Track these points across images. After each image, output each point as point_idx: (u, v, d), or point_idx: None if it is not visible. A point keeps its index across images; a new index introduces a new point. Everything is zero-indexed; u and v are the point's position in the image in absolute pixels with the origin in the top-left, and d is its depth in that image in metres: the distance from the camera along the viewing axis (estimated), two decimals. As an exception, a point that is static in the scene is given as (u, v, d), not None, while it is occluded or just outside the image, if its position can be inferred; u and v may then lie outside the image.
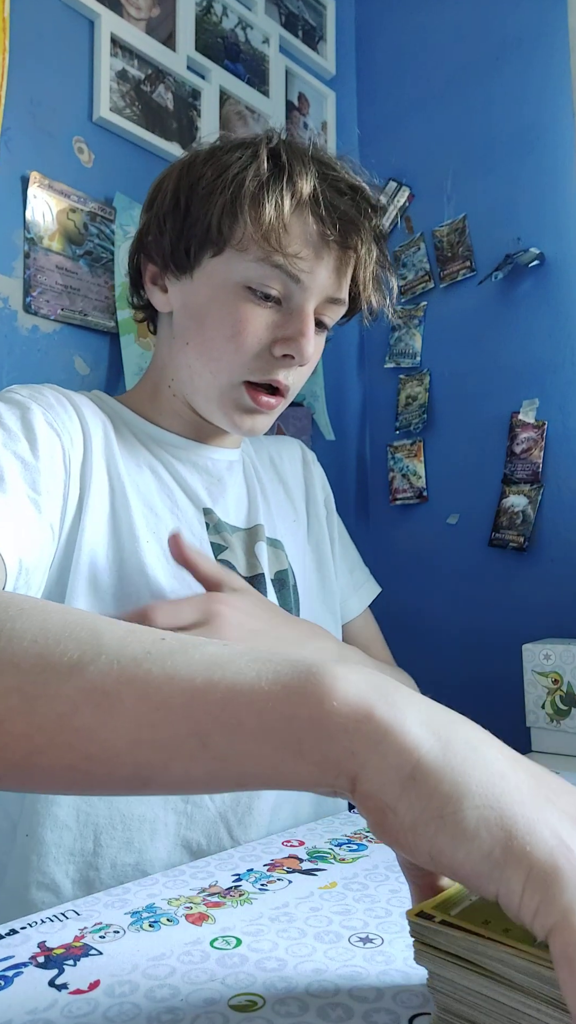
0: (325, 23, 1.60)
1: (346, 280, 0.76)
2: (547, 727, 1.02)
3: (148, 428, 0.80)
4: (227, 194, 0.70)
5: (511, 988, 0.32)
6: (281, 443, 0.99)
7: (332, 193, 0.71)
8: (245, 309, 0.72)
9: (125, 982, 0.43)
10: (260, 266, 0.71)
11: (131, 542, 0.71)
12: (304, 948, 0.47)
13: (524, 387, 1.34)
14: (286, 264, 0.70)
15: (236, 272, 0.72)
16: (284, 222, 0.69)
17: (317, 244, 0.71)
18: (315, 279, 0.72)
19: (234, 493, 0.83)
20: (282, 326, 0.73)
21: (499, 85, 1.40)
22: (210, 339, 0.74)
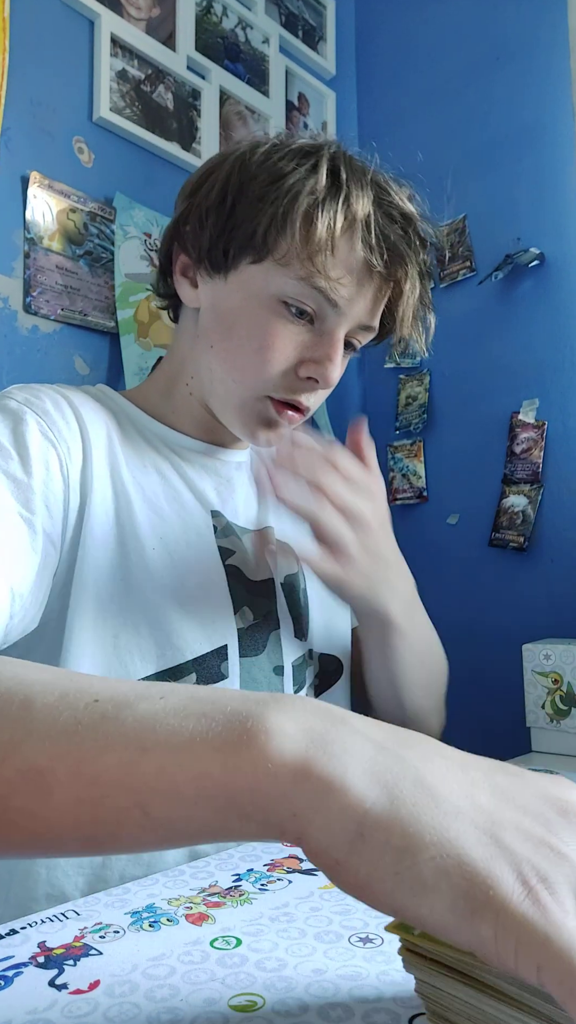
0: (325, 23, 1.60)
1: (381, 308, 0.74)
2: (547, 727, 1.02)
3: (156, 427, 0.78)
4: (280, 205, 0.67)
5: (497, 998, 0.32)
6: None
7: (384, 220, 0.69)
8: (277, 324, 0.70)
9: (125, 982, 0.43)
10: (300, 284, 0.68)
11: (136, 549, 0.69)
12: (304, 948, 0.47)
13: (524, 387, 1.34)
14: (327, 288, 0.68)
15: (273, 285, 0.69)
16: (333, 244, 0.67)
17: (361, 272, 0.69)
18: (352, 306, 0.70)
19: (243, 494, 0.81)
20: (311, 347, 0.71)
21: (499, 85, 1.40)
22: (237, 348, 0.72)
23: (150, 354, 1.20)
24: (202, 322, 0.75)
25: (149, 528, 0.70)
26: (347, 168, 0.69)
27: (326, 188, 0.67)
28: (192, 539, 0.72)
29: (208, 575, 0.72)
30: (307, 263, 0.67)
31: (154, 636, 0.68)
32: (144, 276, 1.22)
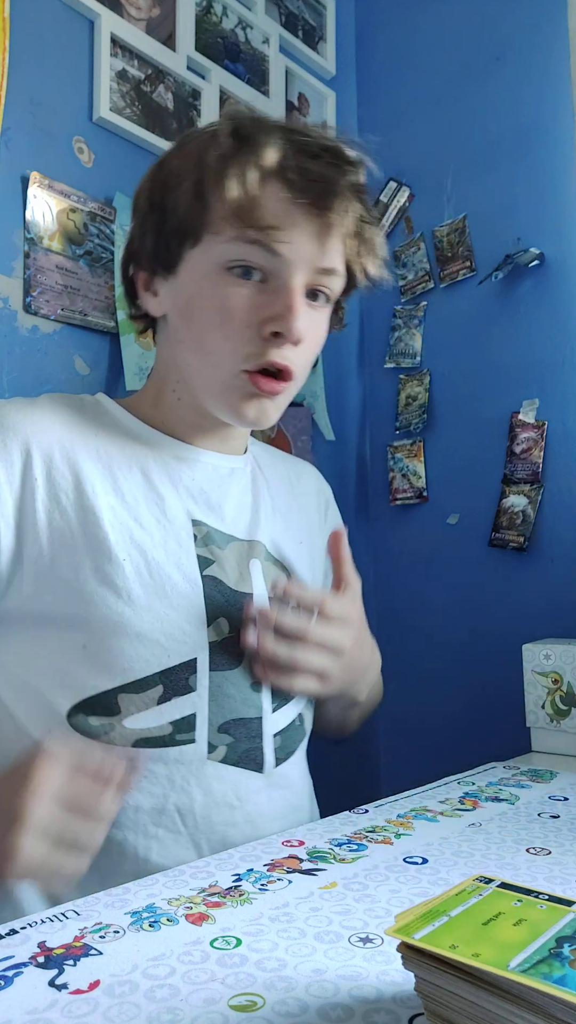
0: (325, 23, 1.60)
1: (335, 247, 0.71)
2: (547, 727, 1.02)
3: (148, 433, 0.78)
4: (193, 178, 0.69)
5: (497, 995, 0.32)
6: (300, 465, 0.98)
7: (302, 158, 0.68)
8: (228, 292, 0.69)
9: (125, 982, 0.43)
10: (236, 245, 0.68)
11: (105, 560, 0.68)
12: (304, 948, 0.47)
13: (524, 387, 1.34)
14: (262, 238, 0.67)
15: (215, 256, 0.69)
16: (252, 195, 0.66)
17: (291, 212, 0.67)
18: (297, 250, 0.68)
19: (235, 501, 0.80)
20: (269, 304, 0.69)
21: (499, 85, 1.40)
22: (201, 331, 0.72)
23: (150, 354, 1.20)
24: (171, 324, 0.76)
25: (124, 537, 0.70)
26: (251, 125, 0.70)
27: (231, 147, 0.68)
28: (171, 547, 0.72)
29: (184, 585, 0.71)
30: (235, 221, 0.67)
31: (122, 647, 0.68)
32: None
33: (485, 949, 0.33)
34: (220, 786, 0.70)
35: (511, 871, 0.59)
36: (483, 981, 0.32)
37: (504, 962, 0.32)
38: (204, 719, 0.70)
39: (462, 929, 0.35)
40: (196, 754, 0.69)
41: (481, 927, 0.35)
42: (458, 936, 0.34)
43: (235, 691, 0.72)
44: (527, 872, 0.59)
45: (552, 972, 0.31)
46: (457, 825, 0.70)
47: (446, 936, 0.34)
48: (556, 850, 0.63)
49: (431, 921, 0.36)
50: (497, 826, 0.70)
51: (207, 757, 0.70)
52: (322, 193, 0.68)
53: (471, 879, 0.41)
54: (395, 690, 1.07)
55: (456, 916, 0.36)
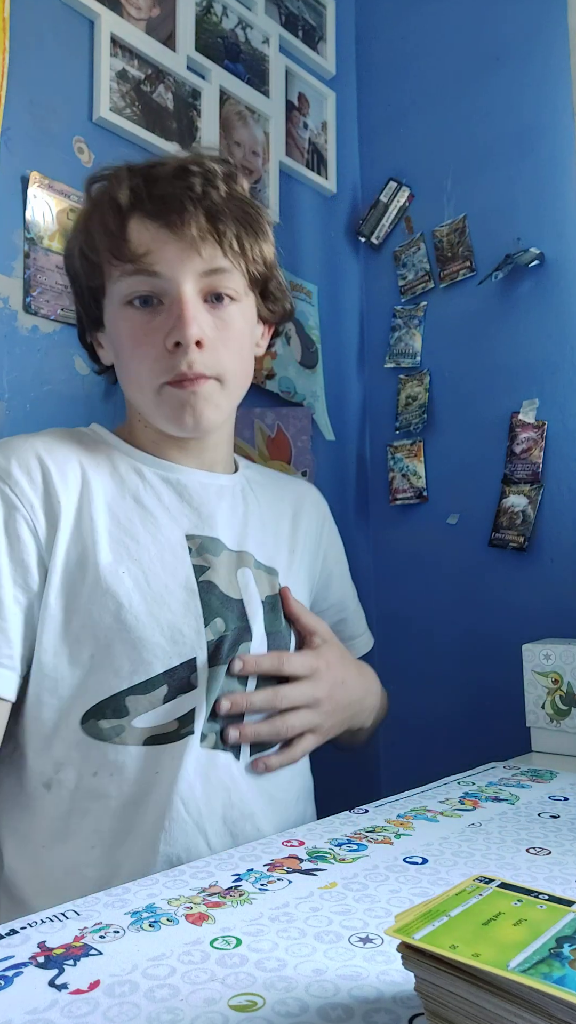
0: (325, 23, 1.60)
1: (210, 249, 0.78)
2: (547, 727, 1.02)
3: (138, 455, 0.85)
4: (78, 246, 0.81)
5: (496, 994, 0.32)
6: (297, 485, 1.03)
7: (155, 186, 0.77)
8: (133, 321, 0.78)
9: (125, 982, 0.43)
10: (124, 281, 0.77)
11: (104, 576, 0.74)
12: (304, 948, 0.47)
13: (524, 387, 1.34)
14: (139, 266, 0.76)
15: (116, 297, 0.79)
16: (120, 236, 0.76)
17: (155, 236, 0.76)
18: (173, 266, 0.76)
19: (224, 516, 0.85)
20: (166, 321, 0.77)
21: (499, 85, 1.40)
22: (126, 363, 0.81)
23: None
24: (116, 367, 0.85)
25: (122, 553, 0.76)
26: (104, 177, 0.81)
27: (94, 206, 0.80)
28: (167, 559, 0.78)
29: (181, 592, 0.77)
30: (116, 262, 0.77)
31: (127, 654, 0.73)
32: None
33: (485, 949, 0.33)
34: (215, 771, 0.75)
35: (511, 871, 0.59)
36: (483, 981, 0.32)
37: (504, 962, 0.32)
38: (202, 711, 0.75)
39: (462, 929, 0.35)
40: (193, 744, 0.74)
41: (481, 927, 0.35)
42: (458, 936, 0.34)
43: (225, 683, 0.77)
44: (527, 872, 0.59)
45: (552, 972, 0.31)
46: (457, 825, 0.70)
47: (446, 936, 0.34)
48: (556, 850, 0.63)
49: (431, 921, 0.36)
50: (497, 826, 0.70)
51: (200, 746, 0.74)
52: (172, 209, 0.76)
53: (471, 879, 0.41)
54: (395, 690, 1.07)
55: (456, 916, 0.36)
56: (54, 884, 0.72)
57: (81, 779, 0.73)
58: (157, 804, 0.72)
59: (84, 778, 0.72)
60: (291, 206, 1.49)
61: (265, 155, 1.44)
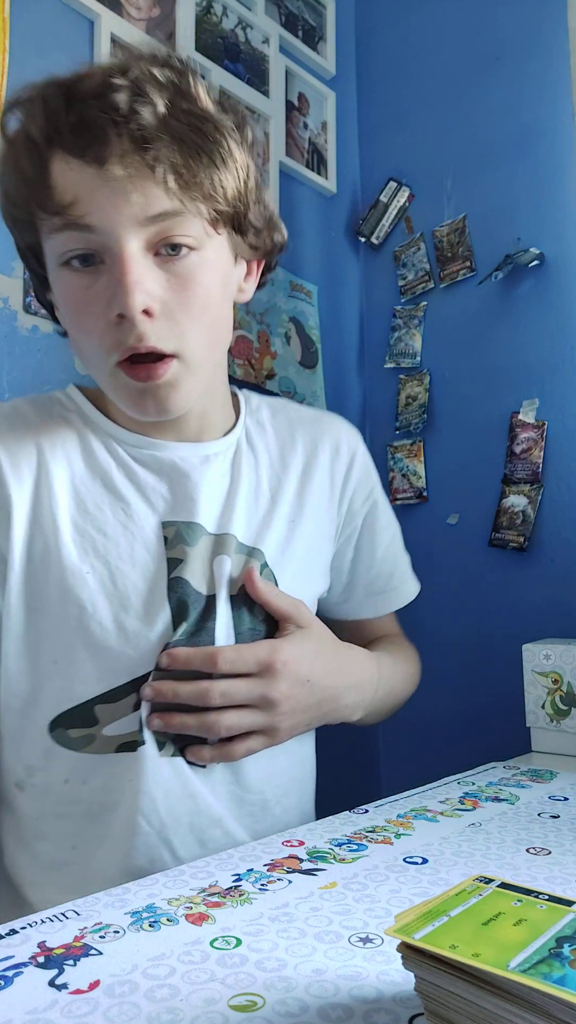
0: (325, 23, 1.60)
1: (153, 187, 0.61)
2: (547, 727, 1.02)
3: (113, 429, 0.74)
4: (4, 198, 0.65)
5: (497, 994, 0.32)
6: (317, 426, 0.87)
7: (76, 113, 0.60)
8: (71, 287, 0.64)
9: (125, 982, 0.43)
10: (57, 237, 0.62)
11: (69, 577, 0.67)
12: (304, 948, 0.47)
13: (524, 387, 1.34)
14: (69, 218, 0.60)
15: (52, 256, 0.64)
16: (40, 180, 0.60)
17: (80, 176, 0.60)
18: (103, 215, 0.60)
19: (208, 492, 0.75)
20: (107, 285, 0.62)
21: (499, 85, 1.40)
22: (72, 336, 0.68)
23: (150, 354, 1.20)
24: None
25: (87, 548, 0.68)
26: (16, 98, 0.63)
27: (8, 144, 0.62)
28: (139, 554, 0.70)
29: (150, 593, 0.69)
30: (40, 214, 0.62)
31: (94, 660, 0.68)
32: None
33: (485, 949, 0.33)
34: (176, 779, 0.70)
35: (511, 871, 0.59)
36: (483, 981, 0.32)
37: (504, 962, 0.32)
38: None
39: (462, 929, 0.35)
40: (148, 754, 0.68)
41: (481, 927, 0.35)
42: (458, 936, 0.34)
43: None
44: (527, 872, 0.59)
45: (552, 972, 0.31)
46: (457, 825, 0.70)
47: (446, 936, 0.34)
48: (556, 850, 0.63)
49: (431, 921, 0.36)
50: (497, 826, 0.70)
51: (159, 754, 0.69)
52: (93, 139, 0.59)
53: (471, 879, 0.41)
54: (395, 690, 1.07)
55: (456, 916, 0.36)
56: (43, 876, 0.70)
57: (51, 785, 0.69)
58: (123, 814, 0.68)
59: (55, 784, 0.69)
60: (291, 206, 1.49)
61: (265, 155, 1.44)
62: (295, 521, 0.81)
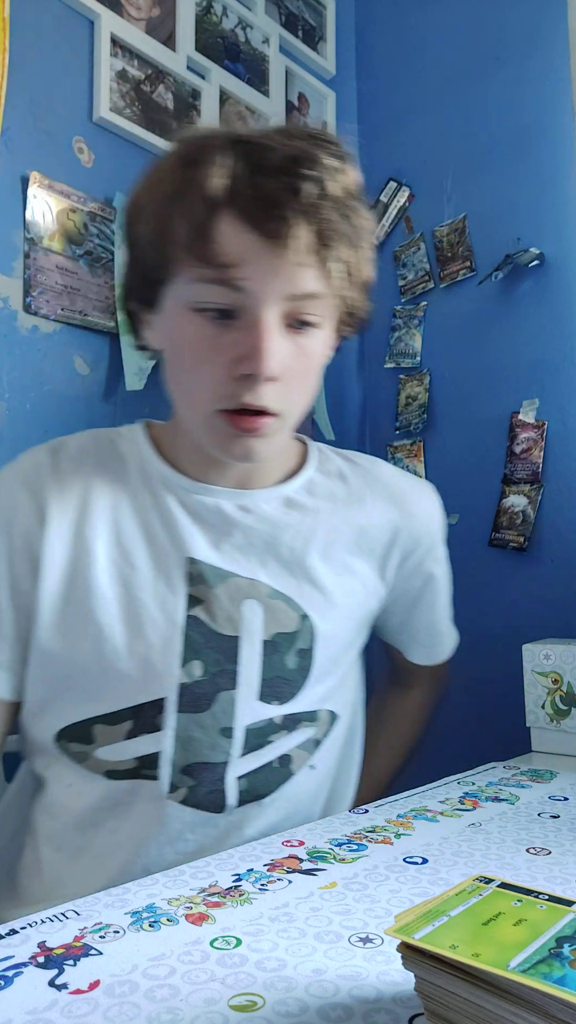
0: (325, 23, 1.60)
1: (307, 271, 0.64)
2: (547, 727, 1.02)
3: (163, 470, 0.76)
4: (150, 218, 0.65)
5: (496, 994, 0.32)
6: (400, 490, 0.86)
7: (257, 177, 0.61)
8: (197, 334, 0.65)
9: (125, 982, 0.43)
10: (198, 286, 0.64)
11: (92, 601, 0.70)
12: (304, 948, 0.47)
13: (524, 387, 1.34)
14: (220, 276, 0.62)
15: (182, 297, 0.65)
16: (204, 232, 0.62)
17: (247, 243, 0.62)
18: (260, 283, 0.63)
19: (242, 538, 0.75)
20: (239, 343, 0.64)
21: (499, 85, 1.40)
22: (179, 372, 0.70)
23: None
24: (164, 360, 0.73)
25: (114, 577, 0.71)
26: (197, 147, 0.64)
27: (178, 180, 0.63)
28: (160, 587, 0.72)
29: (164, 625, 0.71)
30: (191, 261, 0.63)
31: (102, 681, 0.70)
32: (144, 276, 1.22)
33: (485, 949, 0.33)
34: (177, 824, 0.71)
35: (511, 871, 0.59)
36: (483, 981, 0.32)
37: (504, 962, 0.32)
38: (168, 759, 0.71)
39: (462, 929, 0.35)
40: (157, 791, 0.70)
41: (481, 927, 0.35)
42: (458, 936, 0.34)
43: (202, 735, 0.71)
44: (527, 872, 0.59)
45: (552, 972, 0.31)
46: (457, 825, 0.70)
47: (446, 936, 0.34)
48: (556, 850, 0.63)
49: (431, 921, 0.36)
50: (497, 826, 0.70)
51: (167, 796, 0.71)
52: (275, 217, 0.61)
53: (471, 879, 0.41)
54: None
55: (456, 916, 0.36)
56: (46, 855, 0.74)
57: (58, 788, 0.73)
58: (112, 834, 0.71)
59: (60, 788, 0.73)
60: (291, 206, 1.49)
61: (265, 155, 1.44)
62: (343, 576, 0.80)
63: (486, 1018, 0.32)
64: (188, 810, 0.71)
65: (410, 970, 0.36)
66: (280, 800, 0.75)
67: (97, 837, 0.72)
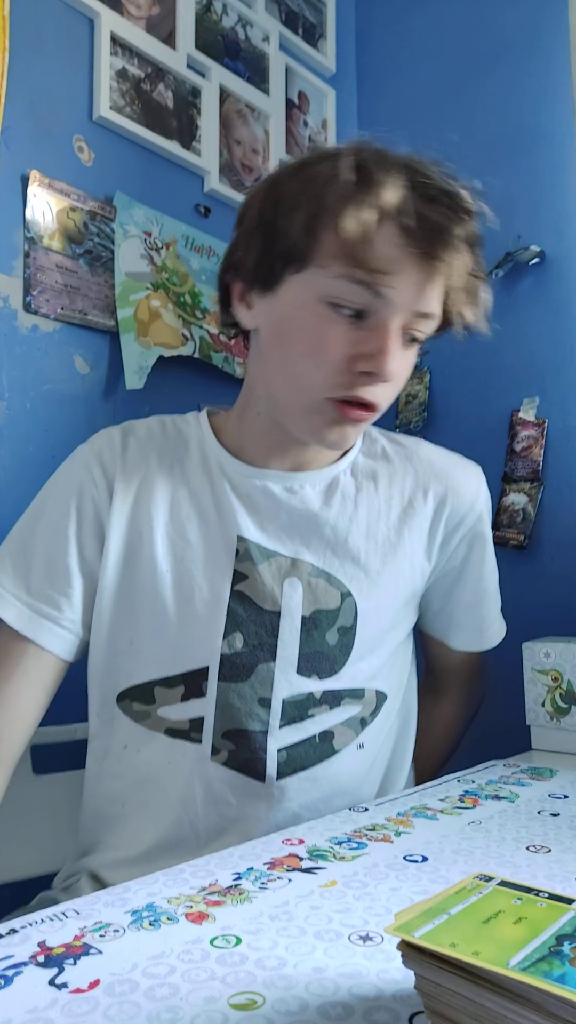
0: (325, 21, 1.60)
1: (436, 292, 0.71)
2: (547, 725, 1.02)
3: (223, 458, 0.82)
4: (309, 209, 0.69)
5: (497, 992, 0.32)
6: (443, 469, 0.89)
7: (421, 202, 0.68)
8: (326, 325, 0.70)
9: (125, 981, 0.43)
10: (342, 282, 0.68)
11: (149, 571, 0.78)
12: (304, 946, 0.47)
13: (524, 385, 1.34)
14: (369, 280, 0.67)
15: (318, 288, 0.70)
16: (367, 236, 0.66)
17: (402, 259, 0.68)
18: (400, 294, 0.69)
19: (287, 519, 0.80)
20: (364, 342, 0.70)
21: (499, 83, 1.40)
22: (292, 356, 0.73)
23: (150, 352, 1.20)
24: (261, 341, 0.77)
25: (169, 551, 0.79)
26: (374, 160, 0.69)
27: (353, 184, 0.67)
28: (210, 562, 0.78)
29: (210, 597, 0.77)
30: (345, 260, 0.67)
31: (159, 646, 0.78)
32: (144, 275, 1.22)
33: (485, 947, 0.33)
34: (218, 784, 0.77)
35: (511, 869, 0.59)
36: (483, 979, 0.32)
37: (504, 960, 0.32)
38: (211, 723, 0.77)
39: (462, 927, 0.35)
40: (201, 753, 0.77)
41: (481, 925, 0.35)
42: (458, 934, 0.34)
43: (241, 703, 0.77)
44: (527, 870, 0.59)
45: (552, 970, 0.31)
46: (457, 823, 0.70)
47: (446, 934, 0.34)
48: (556, 848, 0.64)
49: (431, 919, 0.36)
50: (497, 824, 0.70)
51: (210, 758, 0.77)
52: (436, 242, 0.68)
53: (471, 877, 0.41)
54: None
55: (456, 914, 0.36)
56: (102, 824, 0.82)
57: (111, 748, 0.80)
58: (163, 789, 0.78)
59: (115, 748, 0.80)
60: (291, 204, 1.49)
61: (265, 153, 1.44)
62: (389, 554, 0.83)
63: (486, 1016, 0.32)
64: (230, 772, 0.77)
65: (410, 968, 0.36)
66: (324, 778, 0.79)
67: (154, 794, 0.78)
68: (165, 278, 1.25)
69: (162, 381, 1.24)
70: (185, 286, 1.28)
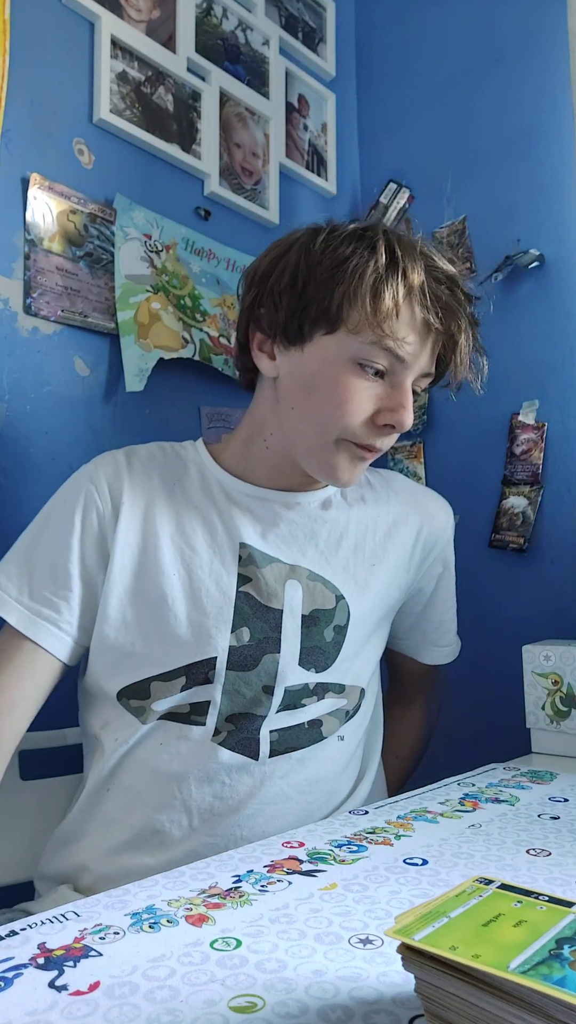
0: (325, 25, 1.61)
1: (435, 356, 0.85)
2: (547, 728, 1.02)
3: (225, 478, 0.91)
4: (349, 284, 0.79)
5: (497, 995, 0.32)
6: (419, 497, 1.03)
7: (433, 283, 0.80)
8: (353, 382, 0.80)
9: (125, 983, 0.43)
10: (372, 347, 0.79)
11: (157, 578, 0.84)
12: (304, 949, 0.47)
13: (524, 388, 1.34)
14: (395, 347, 0.79)
15: (348, 350, 0.80)
16: (398, 311, 0.78)
17: (422, 330, 0.81)
18: (416, 359, 0.81)
19: (286, 530, 0.89)
20: (385, 398, 0.81)
21: (499, 86, 1.40)
22: (318, 406, 0.82)
23: (150, 355, 1.20)
24: (282, 388, 0.86)
25: (177, 558, 0.85)
26: (400, 245, 0.81)
27: (385, 265, 0.79)
28: (216, 567, 0.85)
29: (219, 598, 0.84)
30: (377, 329, 0.78)
31: (162, 646, 0.83)
32: (144, 278, 1.22)
33: (485, 950, 0.33)
34: (214, 764, 0.82)
35: (511, 872, 0.59)
36: (483, 982, 0.32)
37: (504, 963, 0.32)
38: (216, 707, 0.83)
39: (462, 930, 0.35)
40: (203, 734, 0.83)
41: (481, 928, 0.35)
42: (458, 937, 0.34)
43: (247, 690, 0.83)
44: (527, 873, 0.59)
45: (552, 973, 0.31)
46: (457, 826, 0.70)
47: (446, 937, 0.34)
48: (556, 851, 0.63)
49: (431, 922, 0.36)
50: (497, 827, 0.70)
51: (211, 739, 0.83)
52: (447, 317, 0.82)
53: (471, 880, 0.41)
54: (395, 691, 1.07)
55: (456, 917, 0.36)
56: (105, 829, 0.84)
57: (117, 742, 0.84)
58: (156, 773, 0.82)
59: (119, 742, 0.84)
60: (291, 207, 1.50)
61: (265, 157, 1.44)
62: (375, 565, 0.93)
63: (486, 1019, 0.32)
64: (227, 752, 0.82)
65: (410, 971, 0.36)
66: (311, 760, 0.86)
67: (142, 775, 0.83)
68: (165, 281, 1.25)
69: (162, 383, 1.24)
70: (185, 289, 1.28)
